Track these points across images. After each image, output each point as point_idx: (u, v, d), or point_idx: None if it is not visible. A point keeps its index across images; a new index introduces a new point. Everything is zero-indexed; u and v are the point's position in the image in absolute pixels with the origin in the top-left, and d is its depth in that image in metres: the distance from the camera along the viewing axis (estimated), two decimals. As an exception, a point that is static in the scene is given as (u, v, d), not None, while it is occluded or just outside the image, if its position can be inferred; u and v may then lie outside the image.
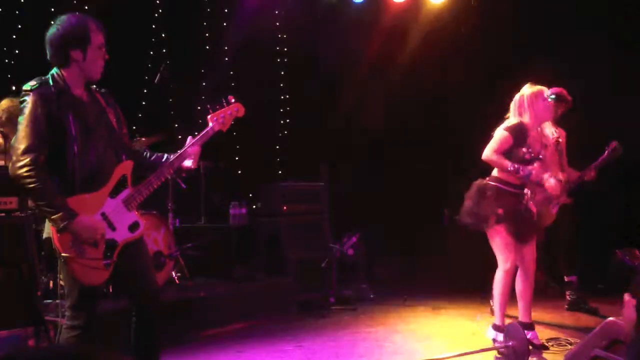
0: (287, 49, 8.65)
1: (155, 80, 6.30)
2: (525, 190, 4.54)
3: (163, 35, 7.43)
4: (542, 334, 4.78)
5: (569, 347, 4.48)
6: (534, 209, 4.58)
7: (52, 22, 3.15)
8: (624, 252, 5.09)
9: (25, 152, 2.90)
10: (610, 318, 3.04)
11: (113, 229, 3.07)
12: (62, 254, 2.93)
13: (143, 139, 5.73)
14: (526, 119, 4.46)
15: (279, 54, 8.64)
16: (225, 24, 8.10)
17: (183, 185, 5.82)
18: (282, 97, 8.69)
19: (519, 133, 4.42)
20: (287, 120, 8.71)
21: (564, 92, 5.71)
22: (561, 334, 4.91)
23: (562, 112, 5.72)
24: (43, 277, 4.58)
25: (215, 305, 5.41)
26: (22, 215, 4.21)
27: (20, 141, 2.92)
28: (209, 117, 3.43)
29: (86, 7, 6.40)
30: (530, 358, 4.11)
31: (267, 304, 5.84)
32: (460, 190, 4.72)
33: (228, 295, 5.59)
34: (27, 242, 4.10)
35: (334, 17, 8.28)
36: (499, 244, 4.47)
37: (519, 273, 4.60)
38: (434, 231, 7.73)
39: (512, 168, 4.36)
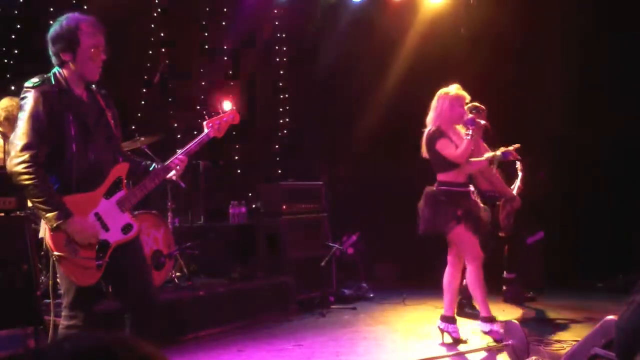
0: (286, 48, 8.66)
1: (155, 80, 6.30)
2: (471, 187, 4.86)
3: (162, 34, 7.42)
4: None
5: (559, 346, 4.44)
6: (479, 202, 4.88)
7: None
8: None
9: (24, 148, 2.87)
10: (610, 316, 3.02)
11: (106, 229, 3.05)
12: (54, 253, 2.92)
13: (142, 138, 5.72)
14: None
15: (278, 52, 8.64)
16: (224, 23, 8.10)
17: (182, 185, 5.82)
18: (282, 96, 8.70)
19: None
20: (287, 119, 8.71)
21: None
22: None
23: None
24: (42, 277, 4.58)
25: (215, 304, 5.40)
26: (22, 215, 4.20)
27: (20, 137, 2.89)
28: (204, 123, 3.45)
29: (85, 7, 6.40)
30: (530, 356, 4.12)
31: (266, 303, 5.84)
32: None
33: (228, 294, 5.58)
34: (27, 242, 4.09)
35: (334, 16, 8.26)
36: (466, 242, 4.71)
37: (453, 269, 4.87)
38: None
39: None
